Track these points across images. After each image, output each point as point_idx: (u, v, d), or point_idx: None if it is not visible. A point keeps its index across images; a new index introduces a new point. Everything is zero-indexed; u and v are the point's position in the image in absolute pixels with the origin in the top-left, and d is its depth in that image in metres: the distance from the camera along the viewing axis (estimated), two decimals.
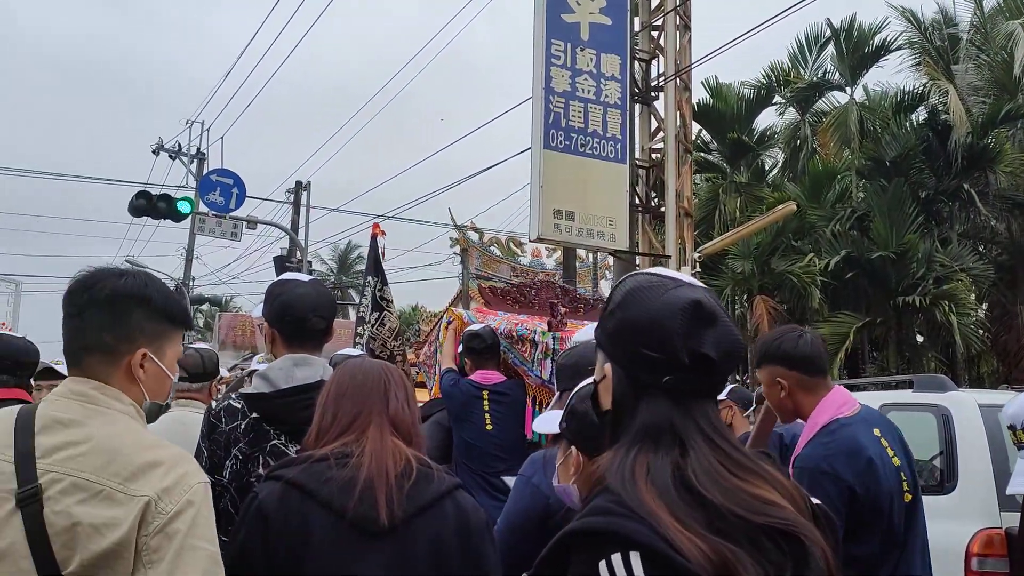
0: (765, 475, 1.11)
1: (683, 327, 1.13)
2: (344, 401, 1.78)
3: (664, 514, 1.01)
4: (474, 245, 17.65)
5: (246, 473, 2.16)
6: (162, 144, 23.18)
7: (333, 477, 1.65)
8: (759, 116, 20.43)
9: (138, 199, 14.08)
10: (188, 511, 1.44)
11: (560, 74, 9.24)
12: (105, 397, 1.56)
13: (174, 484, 1.45)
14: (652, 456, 1.09)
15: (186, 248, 25.31)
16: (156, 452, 1.50)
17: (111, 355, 1.59)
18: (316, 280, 2.49)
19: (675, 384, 1.13)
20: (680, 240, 10.32)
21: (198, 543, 1.43)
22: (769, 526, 1.04)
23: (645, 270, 1.26)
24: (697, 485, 1.05)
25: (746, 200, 18.61)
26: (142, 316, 1.62)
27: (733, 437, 1.16)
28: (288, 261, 16.68)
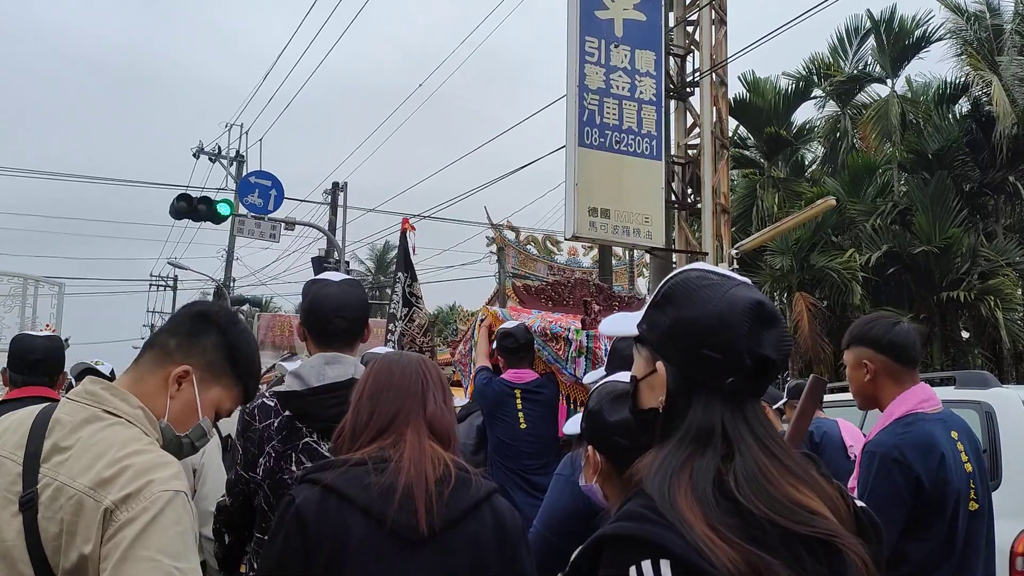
0: (811, 481, 1.10)
1: (747, 328, 1.11)
2: (381, 401, 1.74)
3: (698, 522, 1.00)
4: (510, 244, 17.68)
5: (279, 470, 2.19)
6: (202, 147, 23.55)
7: (372, 483, 1.62)
8: (797, 110, 20.18)
9: (179, 202, 14.30)
10: (140, 518, 1.35)
11: (594, 71, 9.21)
12: (112, 397, 1.54)
13: (136, 491, 1.38)
14: (697, 459, 1.08)
15: (226, 250, 25.70)
16: (131, 458, 1.43)
17: (163, 358, 1.62)
18: (348, 280, 2.48)
19: (735, 386, 1.12)
20: (717, 236, 10.23)
21: (144, 553, 1.33)
22: (808, 535, 1.03)
23: (694, 266, 1.24)
24: (736, 492, 1.04)
25: (784, 195, 18.39)
26: (211, 342, 1.65)
27: (781, 440, 1.14)
28: (326, 261, 16.84)
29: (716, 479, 1.06)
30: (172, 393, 1.59)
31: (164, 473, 1.42)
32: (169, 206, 14.31)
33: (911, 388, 2.56)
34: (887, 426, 2.54)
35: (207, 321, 1.67)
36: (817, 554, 1.03)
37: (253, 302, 26.86)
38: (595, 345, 4.54)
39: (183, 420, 1.61)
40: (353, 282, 2.52)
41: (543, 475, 3.88)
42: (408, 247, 6.51)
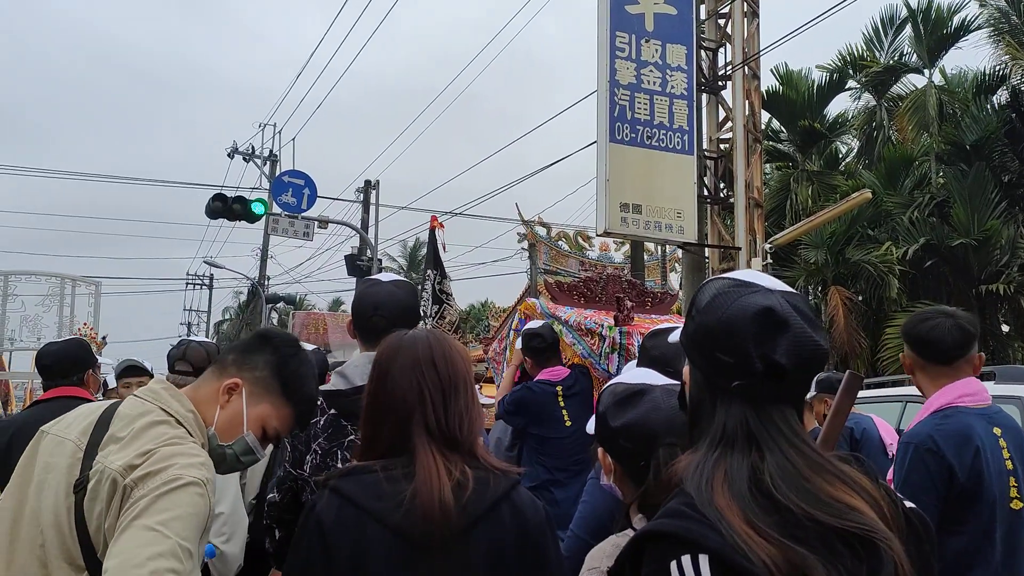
0: (846, 478, 1.11)
1: (755, 334, 1.14)
2: (386, 415, 1.71)
3: (736, 518, 1.03)
4: (542, 240, 17.67)
5: (325, 467, 2.23)
6: (236, 147, 23.83)
7: (387, 492, 1.63)
8: (831, 102, 19.91)
9: (214, 202, 14.50)
10: (152, 493, 1.43)
11: (625, 66, 9.18)
12: (169, 397, 1.63)
13: (154, 472, 1.47)
14: (730, 459, 1.11)
15: (261, 248, 25.98)
16: (161, 448, 1.52)
17: (220, 371, 1.73)
18: (397, 281, 2.50)
19: (746, 389, 1.15)
20: (750, 231, 10.16)
21: (147, 522, 1.40)
22: (846, 530, 1.04)
23: (726, 274, 1.27)
24: (773, 489, 1.06)
25: (819, 188, 18.16)
26: (263, 359, 1.75)
27: (812, 442, 1.16)
28: (358, 259, 16.97)
29: (752, 477, 1.08)
30: (222, 403, 1.69)
31: (186, 460, 1.50)
32: (205, 206, 14.53)
33: (951, 383, 2.55)
34: (924, 417, 2.56)
35: (264, 340, 1.78)
36: (856, 549, 1.04)
37: (287, 300, 27.15)
38: (628, 342, 4.55)
39: (228, 430, 1.69)
40: (401, 283, 2.52)
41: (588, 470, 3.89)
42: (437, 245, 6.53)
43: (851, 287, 17.37)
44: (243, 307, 40.89)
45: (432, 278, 5.56)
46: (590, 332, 4.64)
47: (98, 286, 10.77)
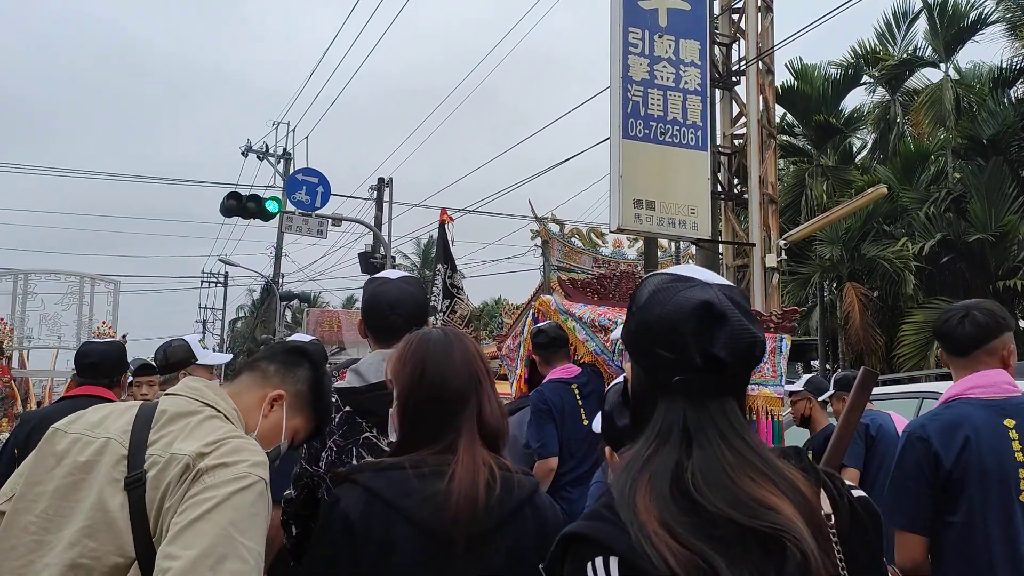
0: (774, 476, 1.12)
1: (693, 328, 1.16)
2: (434, 409, 1.71)
3: (651, 520, 1.05)
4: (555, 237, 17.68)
5: (340, 464, 2.24)
6: (250, 146, 23.95)
7: (416, 490, 1.62)
8: (847, 97, 19.79)
9: (229, 200, 14.57)
10: (225, 488, 1.47)
11: (638, 62, 9.15)
12: (213, 394, 1.69)
13: (229, 463, 1.51)
14: (660, 457, 1.13)
15: (275, 246, 26.11)
16: (232, 438, 1.58)
17: (263, 380, 1.80)
18: (406, 278, 2.52)
19: (686, 384, 1.16)
20: (765, 227, 10.11)
21: (220, 519, 1.44)
22: (759, 529, 1.06)
23: (665, 270, 1.28)
24: (692, 489, 1.08)
25: (834, 184, 18.05)
26: (304, 374, 1.84)
27: (752, 436, 1.17)
28: (372, 257, 17.03)
29: (675, 476, 1.10)
30: (265, 412, 1.76)
31: (257, 458, 1.56)
32: (219, 204, 14.60)
33: (970, 375, 2.59)
34: (932, 408, 2.66)
35: (304, 355, 1.87)
36: (769, 548, 1.06)
37: (302, 298, 27.29)
38: None
39: (269, 439, 1.77)
40: (411, 280, 2.54)
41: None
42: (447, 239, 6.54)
43: (867, 283, 17.27)
44: (257, 305, 41.09)
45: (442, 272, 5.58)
46: (604, 329, 4.63)
47: (116, 285, 10.85)
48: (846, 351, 17.53)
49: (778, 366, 4.67)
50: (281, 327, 26.20)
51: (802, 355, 19.23)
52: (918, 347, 15.36)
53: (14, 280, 10.05)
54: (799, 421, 5.03)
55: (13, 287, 9.98)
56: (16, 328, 9.56)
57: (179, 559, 1.39)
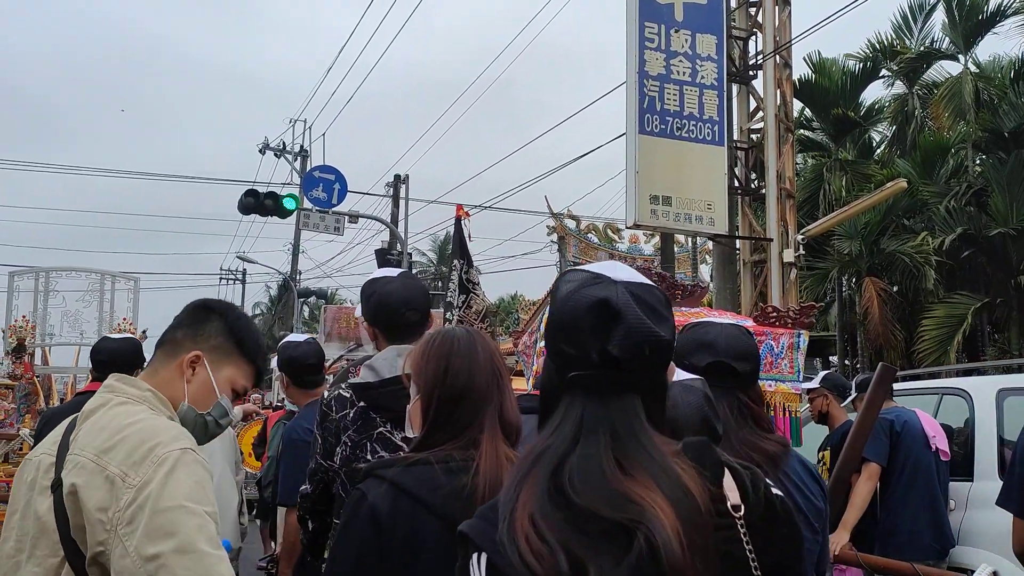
0: (656, 472, 1.13)
1: (590, 325, 1.17)
2: (460, 406, 1.74)
3: (522, 515, 1.10)
4: (571, 233, 17.65)
5: (355, 459, 2.26)
6: (267, 143, 24.06)
7: (443, 484, 1.64)
8: (865, 90, 19.62)
9: (247, 197, 14.67)
10: (154, 480, 1.48)
11: (654, 57, 9.12)
12: (122, 385, 1.71)
13: (142, 458, 1.51)
14: (549, 452, 1.16)
15: (292, 243, 26.23)
16: (128, 428, 1.58)
17: (174, 349, 1.78)
18: (405, 273, 2.58)
19: (583, 380, 1.18)
20: (782, 222, 10.05)
21: (169, 504, 1.46)
22: (618, 521, 1.09)
23: (584, 266, 1.30)
24: (567, 485, 1.11)
25: (852, 178, 17.92)
26: (215, 327, 1.81)
27: (645, 432, 1.17)
28: (389, 253, 17.08)
29: (556, 471, 1.13)
30: (188, 378, 1.75)
31: (165, 436, 1.57)
32: (237, 201, 14.69)
33: None
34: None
35: (207, 310, 1.84)
36: (631, 540, 1.08)
37: (319, 294, 27.38)
38: None
39: (203, 399, 1.77)
40: (411, 275, 2.62)
41: None
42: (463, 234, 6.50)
43: (886, 278, 17.15)
44: (275, 301, 41.32)
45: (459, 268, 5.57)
46: None
47: (136, 282, 10.94)
48: (865, 347, 17.41)
49: (795, 362, 4.64)
50: (299, 323, 26.34)
51: (820, 351, 19.13)
52: (938, 342, 15.23)
53: (35, 278, 10.15)
54: (817, 418, 5.00)
55: (35, 284, 10.08)
56: (38, 325, 9.65)
57: (162, 555, 1.42)
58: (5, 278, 10.07)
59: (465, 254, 5.70)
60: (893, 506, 4.37)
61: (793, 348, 4.63)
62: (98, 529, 1.48)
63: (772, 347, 4.59)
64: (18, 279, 10.04)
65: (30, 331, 8.88)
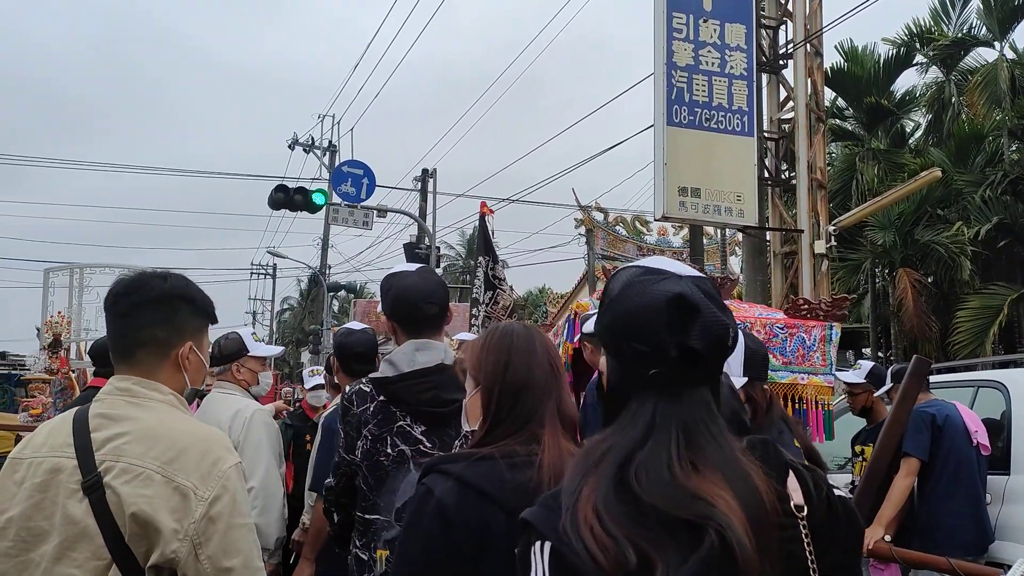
0: (725, 469, 1.13)
1: (667, 321, 1.17)
2: (521, 400, 1.75)
3: (586, 507, 1.10)
4: (599, 225, 17.60)
5: (376, 452, 2.29)
6: (296, 139, 24.23)
7: (508, 479, 1.66)
8: (898, 78, 19.30)
9: (276, 193, 14.78)
10: (225, 495, 1.63)
11: (682, 48, 9.04)
12: (144, 390, 1.74)
13: (209, 471, 1.63)
14: (615, 448, 1.16)
15: (321, 238, 26.41)
16: (190, 437, 1.68)
17: (163, 348, 1.79)
18: (424, 268, 2.60)
19: (662, 376, 1.17)
20: (813, 213, 9.93)
21: (239, 520, 1.64)
22: (684, 519, 1.08)
23: (637, 263, 1.30)
24: (632, 481, 1.11)
25: (886, 168, 17.64)
26: (188, 313, 1.84)
27: (717, 426, 1.18)
28: (417, 247, 17.12)
29: (622, 467, 1.13)
30: (185, 367, 1.82)
31: (221, 448, 1.69)
32: (267, 197, 14.81)
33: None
34: None
35: (171, 299, 1.82)
36: (698, 537, 1.08)
37: (348, 288, 27.59)
38: None
39: (199, 377, 1.87)
40: (429, 269, 2.63)
41: None
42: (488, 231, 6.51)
43: (921, 269, 16.88)
44: (305, 296, 41.69)
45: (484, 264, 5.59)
46: None
47: None
48: (899, 339, 17.17)
49: (828, 355, 4.58)
50: (328, 317, 26.54)
51: (853, 343, 18.90)
52: (974, 334, 14.97)
53: (70, 274, 10.31)
54: (859, 412, 4.90)
55: (70, 280, 10.23)
56: (73, 321, 9.81)
57: (233, 570, 1.61)
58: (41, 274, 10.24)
59: (490, 250, 5.71)
60: (934, 502, 4.30)
61: (825, 341, 4.57)
62: (171, 538, 1.56)
63: (804, 340, 4.54)
64: (54, 275, 10.22)
65: (66, 326, 9.03)
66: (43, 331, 8.83)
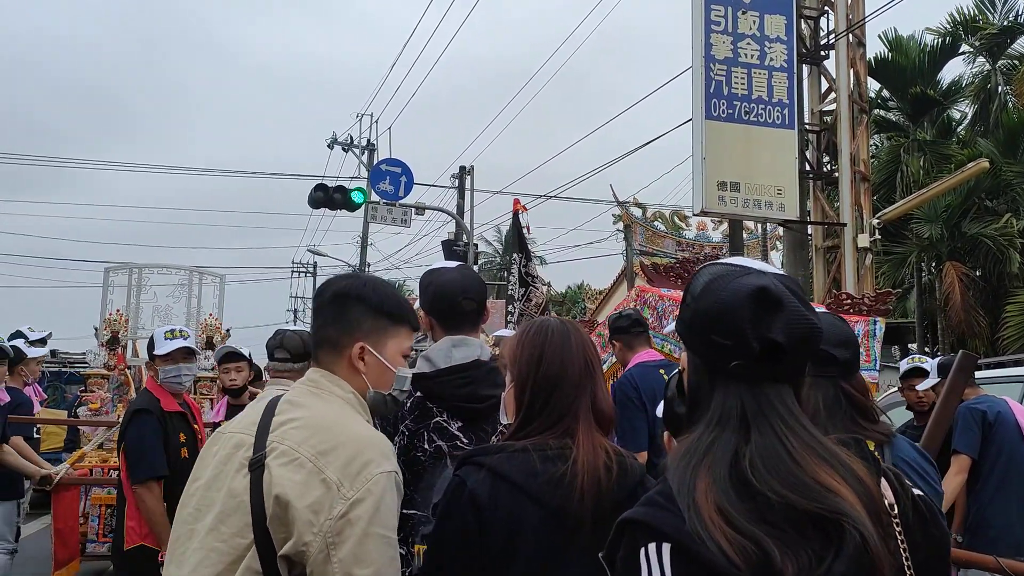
0: (833, 462, 1.12)
1: (750, 314, 1.15)
2: (555, 395, 1.77)
3: (707, 505, 1.05)
4: (637, 221, 17.49)
5: (412, 448, 2.30)
6: (335, 138, 24.45)
7: (541, 472, 1.68)
8: (944, 68, 18.88)
9: (316, 192, 14.93)
10: (368, 500, 1.57)
11: (721, 40, 8.93)
12: (329, 384, 1.79)
13: (358, 472, 1.59)
14: (719, 444, 1.13)
15: (361, 236, 26.62)
16: (349, 435, 1.66)
17: (335, 347, 1.83)
18: (463, 265, 2.61)
19: (744, 370, 1.16)
20: (856, 206, 9.76)
21: (378, 530, 1.57)
22: (818, 513, 1.05)
23: (721, 260, 1.29)
24: (750, 473, 1.08)
25: (931, 159, 17.28)
26: (359, 312, 1.84)
27: (810, 423, 1.17)
28: (455, 245, 17.16)
29: (733, 461, 1.10)
30: (361, 369, 1.82)
31: (376, 453, 1.65)
32: (307, 196, 14.97)
33: None
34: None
35: (344, 298, 1.86)
36: (827, 532, 1.05)
37: None
38: None
39: (383, 381, 1.85)
40: (468, 266, 2.65)
41: None
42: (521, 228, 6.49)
43: (968, 262, 16.52)
44: None
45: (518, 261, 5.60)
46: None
47: (222, 278, 11.25)
48: (946, 334, 16.82)
49: (872, 350, 4.51)
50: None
51: (899, 338, 18.56)
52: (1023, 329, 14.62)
53: (129, 274, 10.53)
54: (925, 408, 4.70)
55: (128, 280, 10.45)
56: (131, 319, 10.01)
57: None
58: (101, 274, 10.48)
59: (523, 248, 5.71)
60: (984, 500, 4.19)
61: (869, 336, 4.50)
62: (305, 529, 1.55)
63: None
64: (113, 275, 10.43)
65: (123, 324, 9.25)
66: (102, 329, 9.04)
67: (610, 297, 18.84)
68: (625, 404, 4.11)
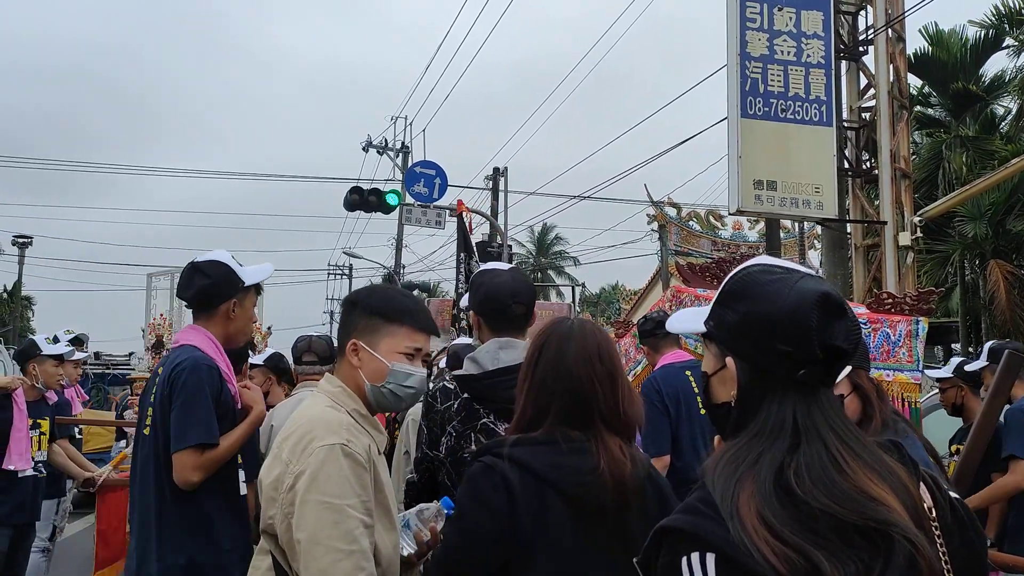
0: (880, 470, 1.11)
1: (818, 321, 1.13)
2: (578, 399, 1.83)
3: (751, 515, 1.03)
4: (672, 221, 17.36)
5: (459, 449, 2.33)
6: (370, 141, 24.60)
7: (565, 464, 1.76)
8: (987, 62, 18.48)
9: (351, 195, 15.04)
10: (307, 471, 1.75)
11: (756, 37, 8.83)
12: (326, 383, 2.02)
13: (304, 448, 1.79)
14: (764, 452, 1.11)
15: (395, 238, 26.76)
16: (305, 418, 1.87)
17: (341, 349, 2.03)
18: (515, 269, 2.66)
19: (807, 377, 1.14)
20: (897, 204, 9.59)
21: (315, 497, 1.73)
22: (863, 524, 1.04)
23: (756, 260, 1.26)
24: (794, 483, 1.06)
25: (975, 155, 16.92)
26: (355, 315, 2.03)
27: (855, 427, 1.16)
28: (489, 246, 17.16)
29: (778, 471, 1.09)
30: (357, 364, 1.98)
31: (322, 429, 1.82)
32: (343, 199, 15.09)
33: None
34: None
35: (349, 304, 2.08)
36: (874, 542, 1.03)
37: (422, 288, 27.89)
38: None
39: (377, 374, 1.97)
40: (520, 271, 2.71)
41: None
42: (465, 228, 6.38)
43: (1014, 261, 16.17)
44: None
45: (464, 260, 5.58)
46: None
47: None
48: (990, 333, 16.46)
49: (914, 350, 4.42)
50: None
51: (942, 338, 18.20)
52: None
53: (171, 278, 10.70)
54: (951, 410, 4.61)
55: (171, 284, 10.62)
56: (174, 323, 10.17)
57: (299, 542, 1.73)
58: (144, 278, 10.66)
59: (468, 247, 5.66)
60: None
61: (911, 336, 4.41)
62: (269, 505, 1.80)
63: (889, 335, 4.39)
64: (155, 279, 10.60)
65: (167, 328, 9.41)
66: (147, 332, 9.21)
67: (645, 297, 18.74)
68: (647, 407, 4.02)
